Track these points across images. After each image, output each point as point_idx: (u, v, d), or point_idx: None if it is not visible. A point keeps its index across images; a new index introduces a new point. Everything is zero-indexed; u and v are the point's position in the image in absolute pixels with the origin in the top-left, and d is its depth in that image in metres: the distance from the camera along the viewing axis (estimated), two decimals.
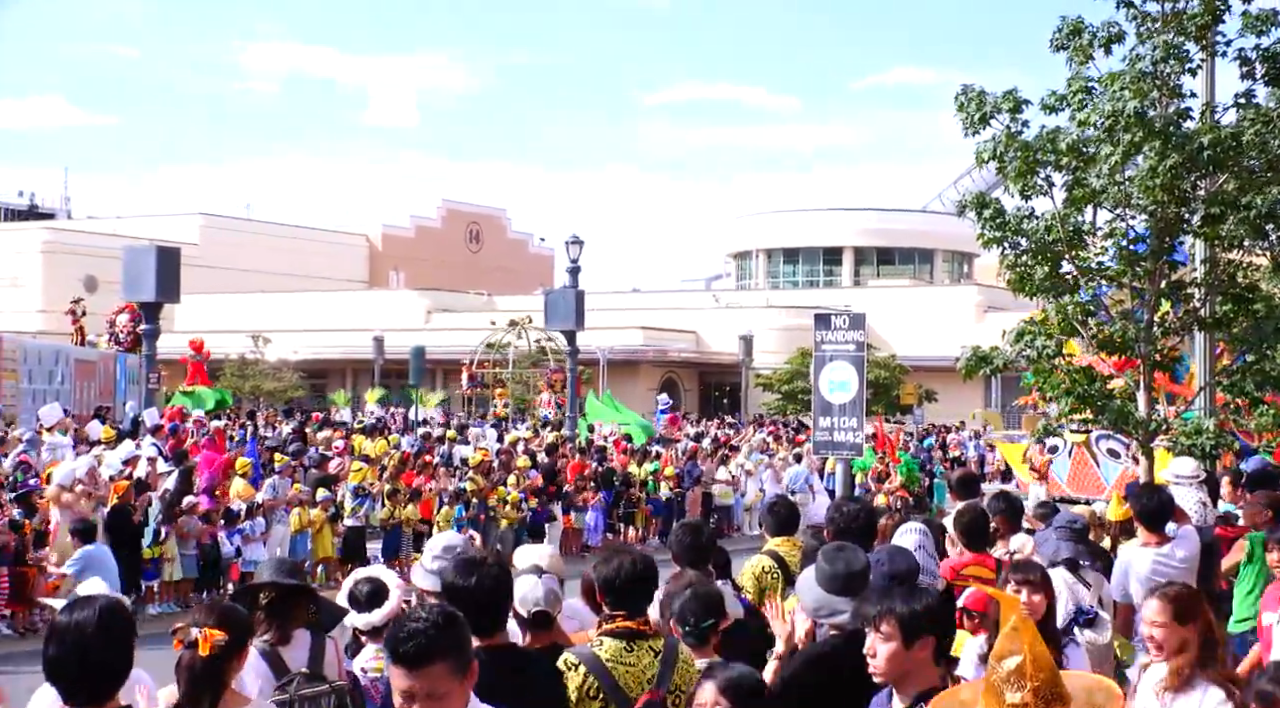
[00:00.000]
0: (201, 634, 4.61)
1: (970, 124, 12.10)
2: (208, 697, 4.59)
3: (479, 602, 5.05)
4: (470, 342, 55.51)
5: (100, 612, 4.24)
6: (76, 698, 4.19)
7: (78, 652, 4.16)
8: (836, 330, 15.37)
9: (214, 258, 71.93)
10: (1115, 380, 12.77)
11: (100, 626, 4.20)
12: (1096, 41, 11.87)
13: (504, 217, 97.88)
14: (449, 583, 5.11)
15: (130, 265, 25.23)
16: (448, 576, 5.15)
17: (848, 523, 7.37)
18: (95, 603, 4.32)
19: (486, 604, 5.07)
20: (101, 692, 4.19)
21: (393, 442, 27.40)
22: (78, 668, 4.17)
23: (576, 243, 35.80)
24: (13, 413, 26.71)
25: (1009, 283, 12.73)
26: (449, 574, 5.15)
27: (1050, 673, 3.65)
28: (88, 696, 4.18)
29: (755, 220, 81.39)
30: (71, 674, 4.18)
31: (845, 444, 15.47)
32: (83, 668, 4.17)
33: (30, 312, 68.40)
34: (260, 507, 18.69)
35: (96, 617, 4.21)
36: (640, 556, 5.55)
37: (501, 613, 5.16)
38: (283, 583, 5.83)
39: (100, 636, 4.18)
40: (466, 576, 5.07)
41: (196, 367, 31.00)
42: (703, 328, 63.12)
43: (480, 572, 5.09)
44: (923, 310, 60.63)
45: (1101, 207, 12.19)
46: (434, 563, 5.89)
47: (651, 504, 25.57)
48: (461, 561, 5.24)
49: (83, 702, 4.18)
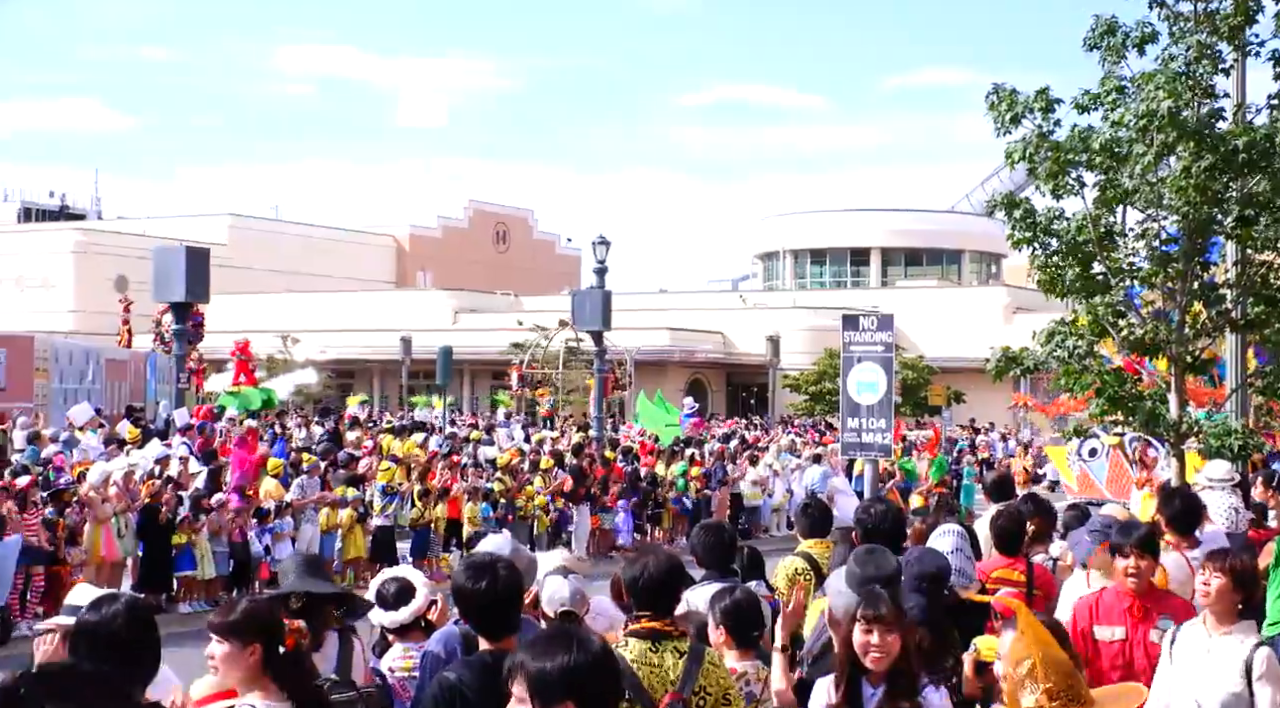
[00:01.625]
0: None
1: (1001, 124, 12.05)
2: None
3: (487, 605, 5.06)
4: (497, 342, 55.60)
5: (125, 609, 4.28)
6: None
7: (104, 650, 4.19)
8: (865, 331, 15.33)
9: (243, 258, 72.25)
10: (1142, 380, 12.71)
11: (126, 623, 4.22)
12: (1130, 41, 11.82)
13: (531, 217, 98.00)
14: (458, 586, 5.11)
15: (160, 266, 25.34)
16: (457, 579, 5.15)
17: (876, 524, 7.34)
18: (119, 600, 4.34)
19: (494, 607, 5.07)
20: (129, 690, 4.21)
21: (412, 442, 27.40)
22: (104, 666, 4.17)
23: (603, 243, 35.77)
24: (44, 412, 26.88)
25: (1039, 283, 12.68)
26: (459, 577, 5.15)
27: (1064, 675, 3.64)
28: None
29: (782, 221, 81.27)
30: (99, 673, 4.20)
31: (873, 445, 15.43)
32: (109, 666, 4.18)
33: (61, 312, 68.86)
34: (289, 506, 18.76)
35: (122, 614, 4.24)
36: (666, 557, 5.54)
37: (510, 617, 5.15)
38: (317, 592, 5.81)
39: (125, 633, 4.20)
40: (476, 579, 5.07)
41: (242, 366, 31.07)
42: (730, 329, 63.04)
43: (490, 575, 5.09)
44: (950, 311, 60.41)
45: (1133, 207, 12.13)
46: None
47: (679, 505, 25.56)
48: (472, 563, 5.24)
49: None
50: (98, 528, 16.35)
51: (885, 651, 5.21)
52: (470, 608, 5.06)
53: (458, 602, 5.10)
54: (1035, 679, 3.65)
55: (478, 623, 5.09)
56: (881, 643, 5.22)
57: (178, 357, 25.72)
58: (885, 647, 5.21)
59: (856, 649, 5.26)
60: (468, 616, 5.10)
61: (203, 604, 16.84)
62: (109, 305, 68.10)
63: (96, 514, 16.35)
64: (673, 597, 5.47)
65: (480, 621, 5.08)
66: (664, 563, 5.45)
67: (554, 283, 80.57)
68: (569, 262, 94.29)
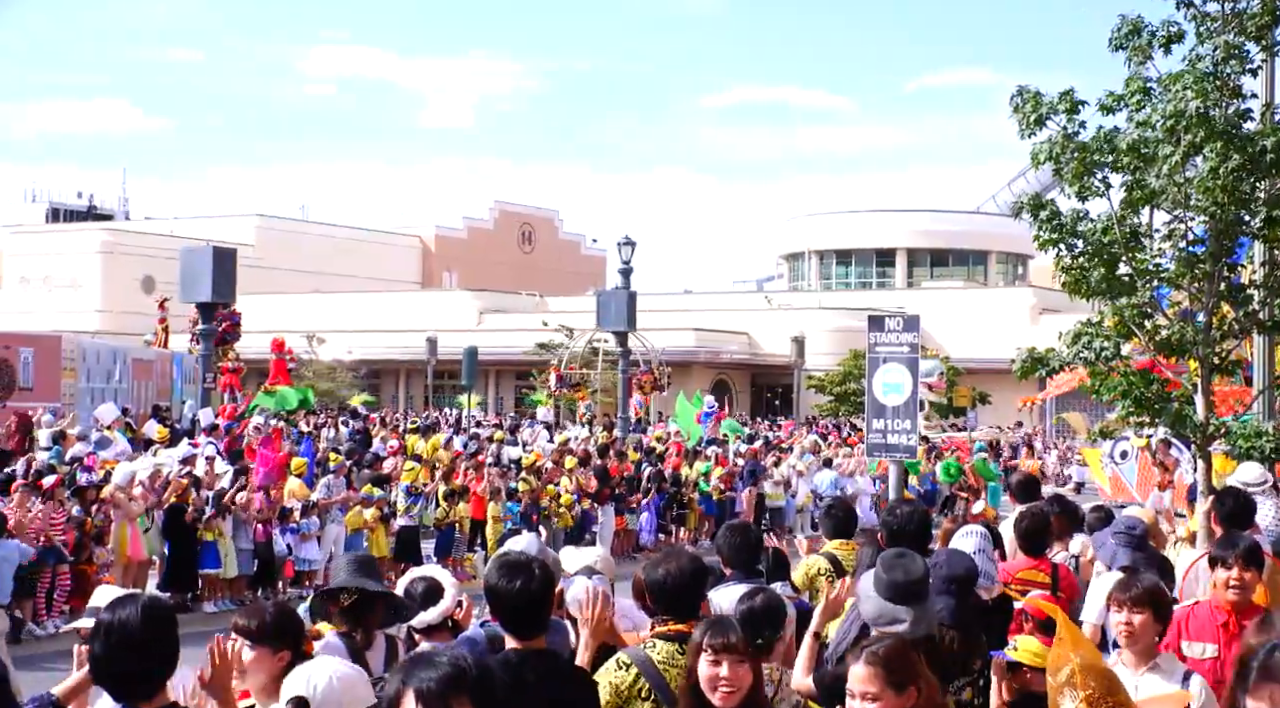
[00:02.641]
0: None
1: (1026, 125, 11.99)
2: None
3: (519, 604, 5.05)
4: (523, 343, 55.68)
5: (143, 608, 4.30)
6: (125, 695, 4.24)
7: (122, 649, 4.21)
8: (890, 332, 15.28)
9: (269, 259, 72.55)
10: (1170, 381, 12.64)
11: (143, 622, 4.25)
12: (1156, 41, 11.74)
13: (556, 218, 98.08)
14: (492, 584, 5.11)
15: (187, 266, 25.45)
16: (491, 576, 5.15)
17: (901, 525, 7.32)
18: (138, 600, 4.37)
19: (527, 607, 5.07)
20: (149, 688, 4.25)
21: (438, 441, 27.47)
22: (123, 666, 4.22)
23: (629, 244, 35.82)
24: (71, 411, 27.01)
25: (1064, 285, 12.61)
26: (492, 575, 5.15)
27: (1103, 681, 3.61)
28: (135, 693, 4.23)
29: (808, 221, 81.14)
30: (118, 672, 4.23)
31: (898, 447, 15.39)
32: (128, 665, 4.22)
33: (89, 311, 69.26)
34: (315, 506, 18.83)
35: (140, 613, 4.27)
36: (691, 559, 5.51)
37: (541, 617, 5.15)
38: (369, 590, 5.85)
39: (143, 632, 4.24)
40: (510, 578, 5.07)
41: (279, 366, 31.11)
42: (755, 329, 62.99)
43: (525, 574, 5.09)
44: (976, 312, 60.24)
45: (1160, 208, 12.07)
46: None
47: (704, 505, 25.57)
48: (506, 562, 5.25)
49: (131, 699, 4.23)
50: (124, 527, 16.44)
51: (736, 685, 4.69)
52: (502, 606, 5.06)
53: (490, 600, 5.10)
54: (1075, 687, 3.61)
55: (508, 621, 5.08)
56: (732, 676, 4.69)
57: (204, 356, 25.81)
58: (736, 680, 4.69)
59: (703, 684, 4.72)
60: (499, 614, 5.10)
61: (227, 603, 16.91)
62: (136, 305, 68.53)
63: (125, 513, 16.45)
64: (696, 600, 5.45)
65: (511, 619, 5.08)
66: (687, 566, 5.42)
67: (579, 283, 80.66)
68: (594, 262, 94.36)
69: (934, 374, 38.83)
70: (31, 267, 74.43)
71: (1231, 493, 8.91)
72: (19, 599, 15.09)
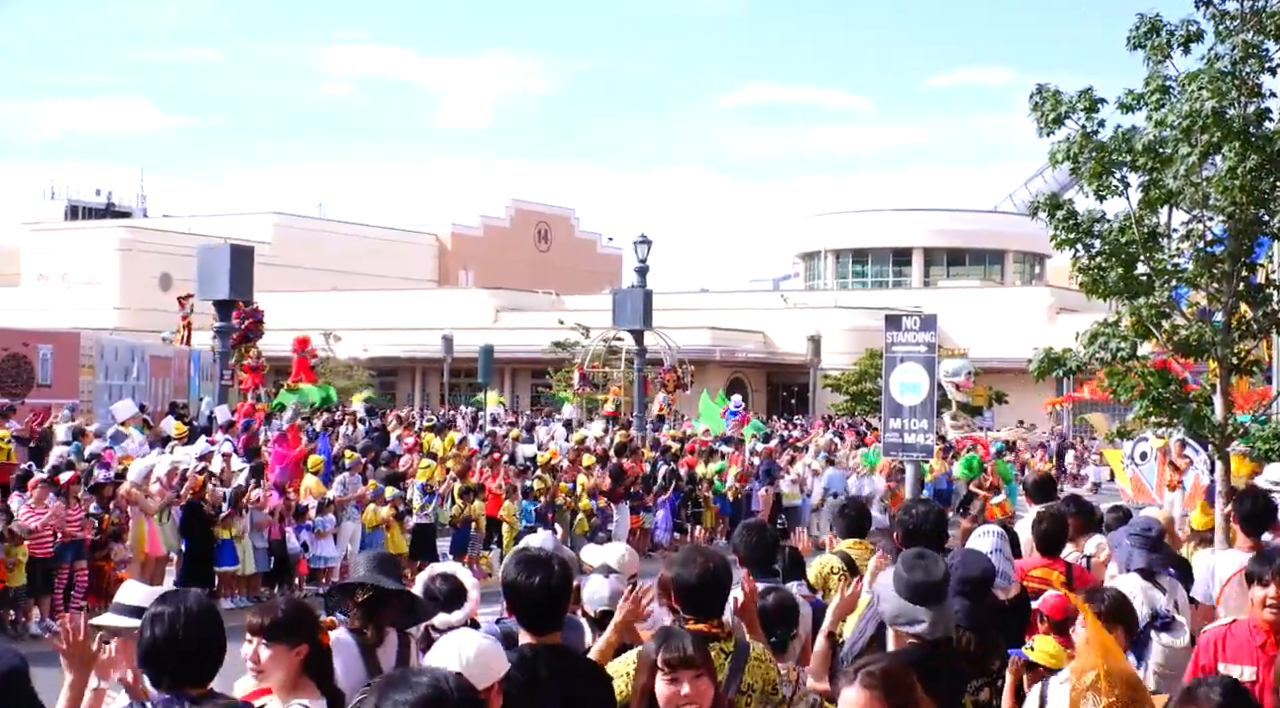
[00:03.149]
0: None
1: (1045, 124, 11.96)
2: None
3: (536, 600, 5.06)
4: (539, 341, 55.71)
5: (195, 599, 4.49)
6: (175, 684, 4.34)
7: (177, 640, 4.35)
8: (907, 332, 15.25)
9: (287, 256, 72.62)
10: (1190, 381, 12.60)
11: (196, 612, 4.41)
12: (1174, 40, 11.70)
13: (572, 216, 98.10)
14: (511, 579, 5.12)
15: (205, 264, 25.52)
16: (510, 572, 5.16)
17: (917, 525, 7.30)
18: (189, 593, 4.53)
19: (545, 603, 5.07)
20: (199, 675, 4.38)
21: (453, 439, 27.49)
22: (176, 653, 4.34)
23: (645, 243, 35.82)
24: (90, 408, 27.12)
25: (1082, 285, 12.58)
26: (511, 570, 5.16)
27: (1128, 687, 3.57)
28: (184, 679, 4.35)
29: (824, 221, 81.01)
30: (169, 659, 4.35)
31: (915, 446, 15.36)
32: (181, 653, 4.35)
33: (107, 309, 69.48)
34: (331, 503, 18.86)
35: (193, 604, 4.45)
36: (717, 559, 5.47)
37: (557, 613, 5.15)
38: (385, 587, 5.84)
39: (196, 622, 4.38)
40: (529, 573, 5.08)
41: (302, 363, 31.11)
42: (771, 328, 62.92)
43: (544, 570, 5.10)
44: (993, 312, 60.09)
45: (1178, 208, 12.03)
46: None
47: (719, 503, 25.57)
48: (525, 557, 5.26)
49: (179, 687, 4.33)
50: (142, 524, 16.50)
51: (698, 702, 4.42)
52: (521, 602, 5.07)
53: (508, 594, 5.11)
54: (1099, 693, 3.57)
55: (525, 617, 5.09)
56: (694, 693, 4.38)
57: (221, 353, 25.88)
58: (697, 697, 4.40)
59: (663, 705, 4.45)
60: (516, 609, 5.10)
61: (244, 600, 16.96)
62: (153, 302, 68.75)
63: (142, 510, 16.50)
64: (721, 599, 5.42)
65: (528, 615, 5.09)
66: (714, 565, 5.39)
67: (595, 282, 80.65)
68: (610, 261, 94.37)
69: (962, 373, 38.82)
70: (50, 264, 74.68)
71: (1251, 493, 8.85)
72: (36, 595, 15.17)
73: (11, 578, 14.57)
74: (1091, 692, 3.53)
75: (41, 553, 14.97)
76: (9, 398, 25.68)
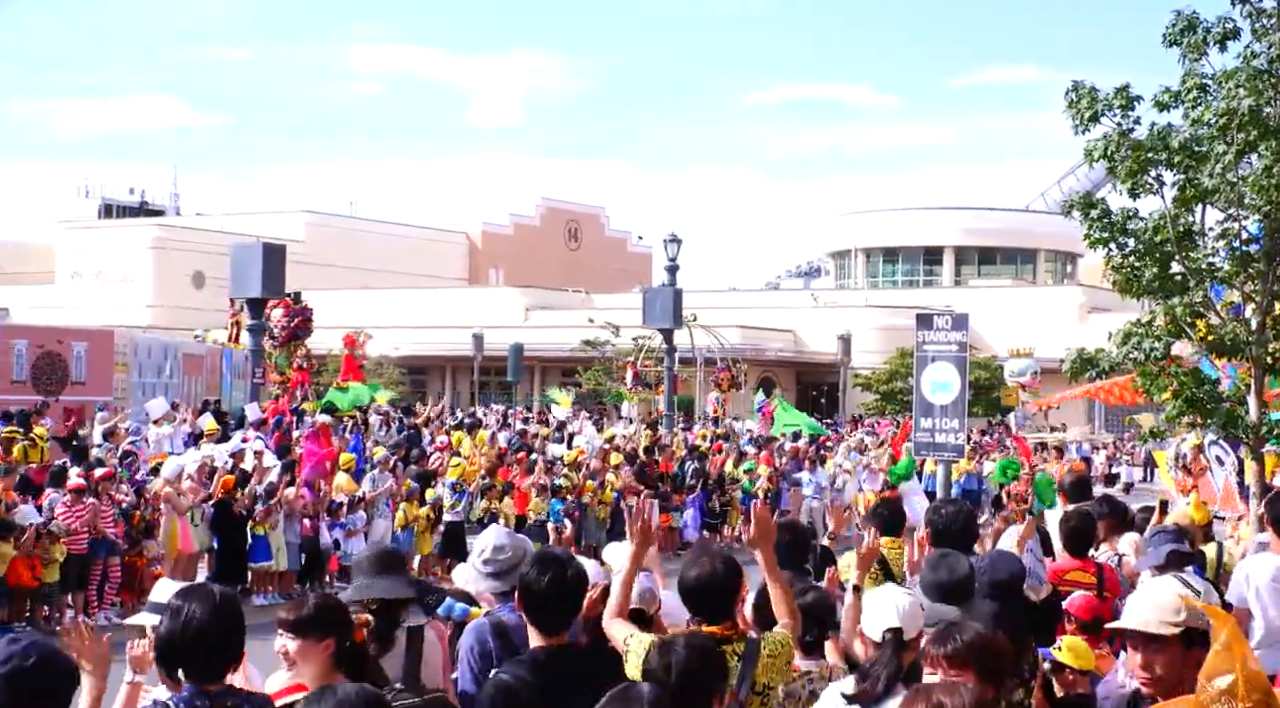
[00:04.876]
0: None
1: (1080, 122, 11.90)
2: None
3: (549, 600, 5.06)
4: (569, 339, 55.75)
5: (216, 595, 4.50)
6: (191, 677, 4.38)
7: (195, 634, 4.37)
8: (938, 331, 15.19)
9: (318, 255, 72.80)
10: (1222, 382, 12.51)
11: (215, 607, 4.43)
12: (1211, 38, 11.62)
13: (602, 215, 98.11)
14: (526, 578, 5.11)
15: (237, 262, 25.60)
16: (526, 571, 5.16)
17: (946, 525, 7.27)
18: (210, 589, 4.56)
19: (556, 603, 5.07)
20: (214, 671, 4.41)
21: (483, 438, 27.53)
22: (194, 646, 4.38)
23: (675, 241, 35.80)
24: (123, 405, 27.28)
25: (1115, 284, 12.51)
26: (526, 569, 5.16)
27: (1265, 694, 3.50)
28: (200, 673, 4.38)
29: (855, 219, 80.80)
30: (187, 653, 4.38)
31: (946, 446, 15.30)
32: (199, 649, 4.38)
33: (140, 307, 69.85)
34: (363, 501, 18.92)
35: (213, 599, 4.46)
36: (723, 561, 5.40)
37: (569, 613, 5.14)
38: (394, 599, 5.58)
39: (215, 616, 4.41)
40: (541, 573, 5.08)
41: (350, 362, 31.09)
42: (801, 327, 62.78)
43: (556, 571, 5.09)
44: (1025, 311, 59.78)
45: (1214, 206, 11.94)
46: (486, 567, 5.84)
47: (746, 503, 25.50)
48: (540, 556, 5.25)
49: (197, 681, 4.37)
50: (174, 521, 16.58)
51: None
52: (533, 601, 5.06)
53: (522, 594, 5.10)
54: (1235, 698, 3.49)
55: (537, 617, 5.07)
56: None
57: (253, 350, 25.97)
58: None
59: None
60: (528, 608, 5.09)
61: (276, 597, 17.03)
62: (186, 300, 69.15)
63: (174, 507, 16.58)
64: (729, 600, 5.36)
65: (540, 615, 5.07)
66: (718, 567, 5.32)
67: (625, 280, 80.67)
68: (640, 259, 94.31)
69: (1027, 373, 38.42)
70: (84, 262, 75.13)
71: None
72: (71, 591, 15.27)
73: (46, 574, 14.66)
74: (1227, 696, 3.46)
75: (76, 550, 15.07)
76: (44, 395, 25.89)
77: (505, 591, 5.68)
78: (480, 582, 5.89)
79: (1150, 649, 4.34)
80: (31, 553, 14.39)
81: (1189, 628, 4.29)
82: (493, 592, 5.83)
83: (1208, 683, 3.49)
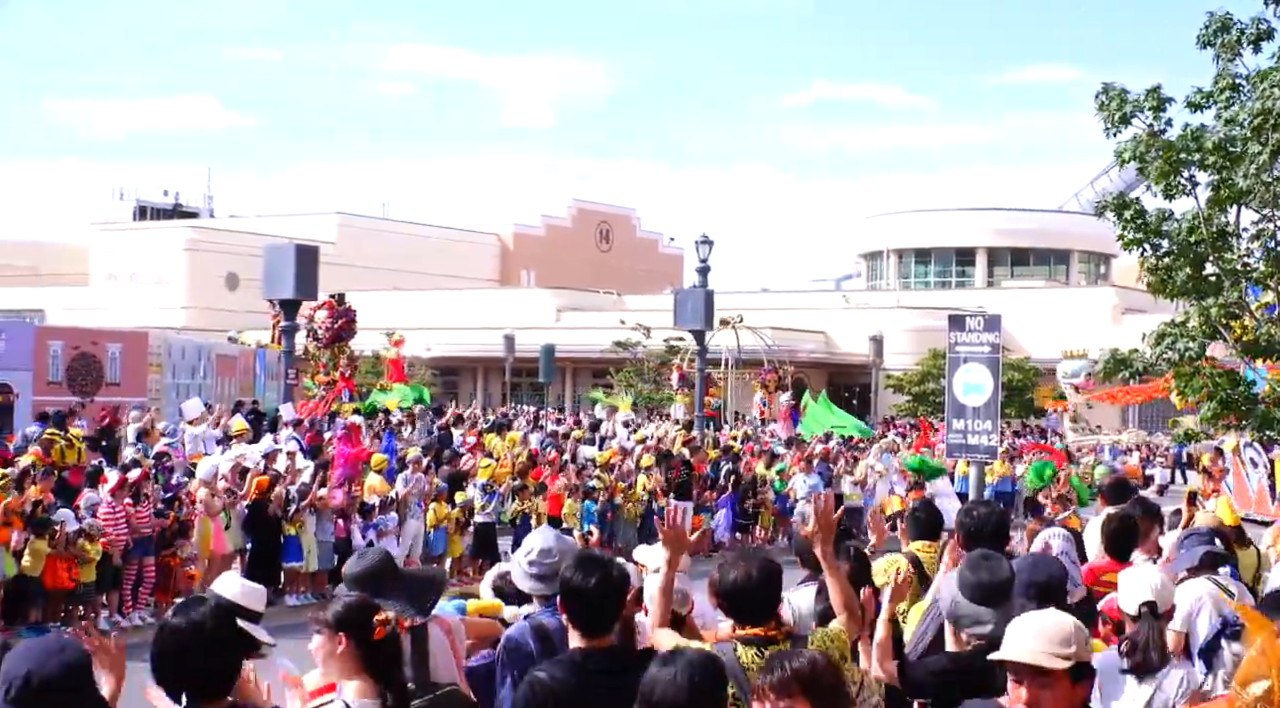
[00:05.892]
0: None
1: (1111, 124, 11.87)
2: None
3: (593, 602, 5.06)
4: (600, 341, 55.80)
5: (207, 616, 4.41)
6: (190, 696, 4.33)
7: (181, 654, 4.32)
8: (971, 332, 15.15)
9: (350, 256, 73.11)
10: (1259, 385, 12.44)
11: (205, 630, 4.36)
12: (1244, 38, 11.57)
13: (634, 216, 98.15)
14: (568, 580, 5.12)
15: (270, 263, 25.74)
16: (567, 572, 5.16)
17: (978, 527, 7.24)
18: (198, 606, 4.49)
19: (600, 605, 5.07)
20: (214, 689, 4.35)
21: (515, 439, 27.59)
22: (184, 669, 4.32)
23: (706, 243, 35.81)
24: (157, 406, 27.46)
25: (1149, 285, 12.46)
26: (568, 571, 5.17)
27: None
28: (198, 694, 4.33)
29: (886, 220, 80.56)
30: (180, 677, 4.34)
31: (979, 447, 15.26)
32: (194, 667, 4.33)
33: (174, 308, 70.29)
34: (395, 501, 18.98)
35: (205, 620, 4.39)
36: (761, 565, 5.33)
37: (611, 615, 5.14)
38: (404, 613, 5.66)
39: (205, 639, 4.34)
40: (586, 575, 5.09)
41: (396, 364, 31.13)
42: (832, 328, 62.64)
43: (600, 573, 5.10)
44: (1058, 312, 59.49)
45: (1248, 207, 11.89)
46: (532, 569, 5.92)
47: (779, 504, 25.48)
48: (583, 558, 5.26)
49: (196, 700, 4.33)
50: (207, 522, 16.67)
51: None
52: (577, 603, 5.07)
53: (564, 596, 5.11)
54: (1271, 703, 3.46)
55: (580, 619, 5.08)
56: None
57: (285, 352, 26.11)
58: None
59: None
60: (569, 610, 5.11)
61: (309, 597, 17.11)
62: (220, 302, 69.52)
63: (207, 509, 16.68)
64: (769, 602, 5.32)
65: (583, 617, 5.08)
66: (756, 570, 5.28)
67: (657, 282, 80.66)
68: (672, 261, 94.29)
69: (1081, 374, 38.09)
70: (118, 264, 75.64)
71: None
72: (105, 591, 15.37)
73: (83, 574, 14.77)
74: (1263, 702, 3.43)
75: (114, 550, 15.15)
76: (80, 396, 26.10)
77: (548, 594, 5.71)
78: (524, 582, 5.96)
79: (1036, 683, 4.03)
80: (69, 553, 14.49)
81: (1079, 662, 4.05)
82: (536, 594, 5.88)
83: (1242, 689, 3.47)
